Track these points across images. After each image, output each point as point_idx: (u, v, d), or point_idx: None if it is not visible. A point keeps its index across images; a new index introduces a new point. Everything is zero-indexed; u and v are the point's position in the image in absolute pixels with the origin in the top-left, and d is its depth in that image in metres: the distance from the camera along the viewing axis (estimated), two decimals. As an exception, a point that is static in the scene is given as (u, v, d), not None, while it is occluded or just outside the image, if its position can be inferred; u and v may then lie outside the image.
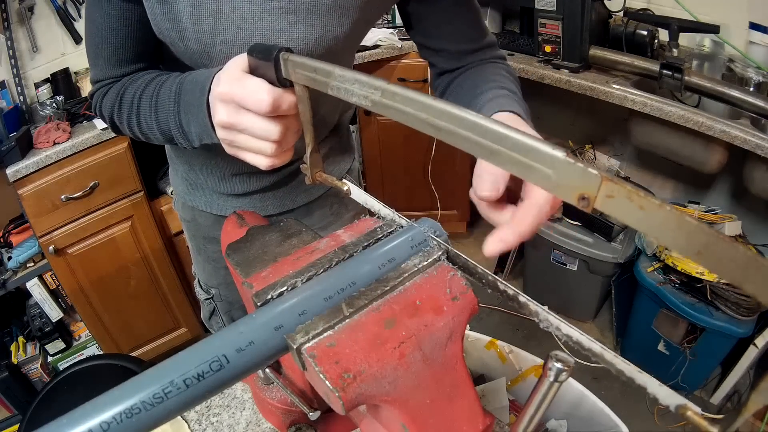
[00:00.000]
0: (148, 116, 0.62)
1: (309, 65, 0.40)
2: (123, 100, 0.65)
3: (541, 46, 1.80)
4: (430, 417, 0.34)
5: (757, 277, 0.20)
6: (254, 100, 0.46)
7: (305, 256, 0.39)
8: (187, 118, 0.57)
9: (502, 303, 2.17)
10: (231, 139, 0.51)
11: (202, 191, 0.84)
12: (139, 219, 1.77)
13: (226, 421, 0.70)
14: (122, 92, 0.65)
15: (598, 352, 0.31)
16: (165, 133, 0.61)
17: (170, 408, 0.28)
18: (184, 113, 0.57)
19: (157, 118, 0.61)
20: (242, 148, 0.52)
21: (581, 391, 0.74)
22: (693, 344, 1.66)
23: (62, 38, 1.87)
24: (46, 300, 1.77)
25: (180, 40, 0.61)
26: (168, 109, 0.59)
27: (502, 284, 0.35)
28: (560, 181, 0.25)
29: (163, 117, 0.60)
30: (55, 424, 0.26)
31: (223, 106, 0.49)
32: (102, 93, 0.68)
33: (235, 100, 0.48)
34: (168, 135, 0.61)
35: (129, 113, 0.64)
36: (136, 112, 0.63)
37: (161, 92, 0.60)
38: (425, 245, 0.38)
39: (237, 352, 0.30)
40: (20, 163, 1.51)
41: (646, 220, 0.22)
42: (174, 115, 0.58)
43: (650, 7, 1.79)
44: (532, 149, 0.25)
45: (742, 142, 1.38)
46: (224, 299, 0.95)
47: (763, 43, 1.55)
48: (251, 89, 0.47)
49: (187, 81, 0.57)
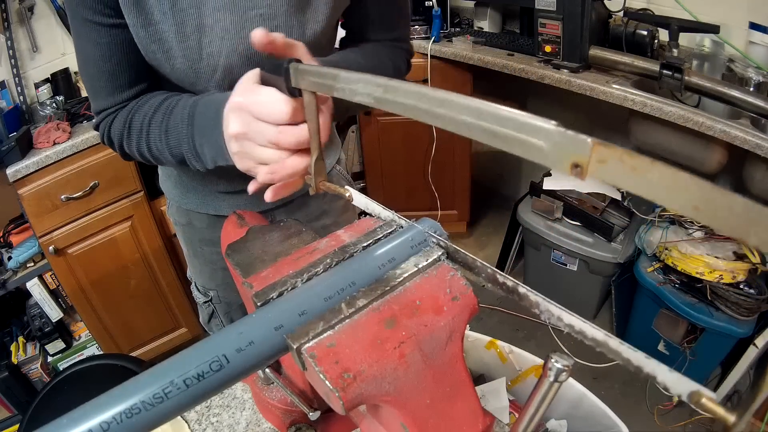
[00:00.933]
0: (158, 140, 0.62)
1: (315, 71, 0.42)
2: (132, 126, 0.65)
3: (541, 46, 1.80)
4: (430, 417, 0.34)
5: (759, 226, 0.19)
6: (271, 110, 0.46)
7: (305, 256, 0.39)
8: (201, 141, 0.57)
9: (502, 302, 2.17)
10: (244, 150, 0.50)
11: (197, 193, 0.84)
12: (139, 219, 1.77)
13: (226, 421, 0.70)
14: (130, 119, 0.65)
15: (602, 339, 0.30)
16: (177, 157, 0.61)
17: (170, 408, 0.28)
18: (198, 136, 0.57)
19: (168, 142, 0.61)
20: (255, 160, 0.50)
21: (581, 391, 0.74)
22: (693, 344, 1.66)
23: (62, 38, 1.87)
24: (46, 300, 1.77)
25: (167, 60, 0.62)
26: (180, 132, 0.59)
27: (501, 276, 0.35)
28: (553, 151, 0.25)
29: (174, 141, 0.60)
30: (55, 424, 0.26)
31: (237, 116, 0.49)
32: (108, 122, 0.68)
33: (252, 110, 0.47)
34: (180, 158, 0.61)
35: (138, 139, 0.64)
36: (146, 137, 0.63)
37: (173, 115, 0.60)
38: (425, 245, 0.38)
39: (237, 352, 0.30)
40: (20, 163, 1.51)
41: (641, 181, 0.22)
42: (187, 139, 0.58)
43: (650, 7, 1.79)
44: (525, 124, 0.26)
45: (742, 142, 1.38)
46: (223, 300, 0.95)
47: (763, 43, 1.55)
48: (268, 99, 0.46)
49: (201, 104, 0.58)
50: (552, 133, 0.25)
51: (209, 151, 0.56)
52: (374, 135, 2.34)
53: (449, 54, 2.05)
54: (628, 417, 0.73)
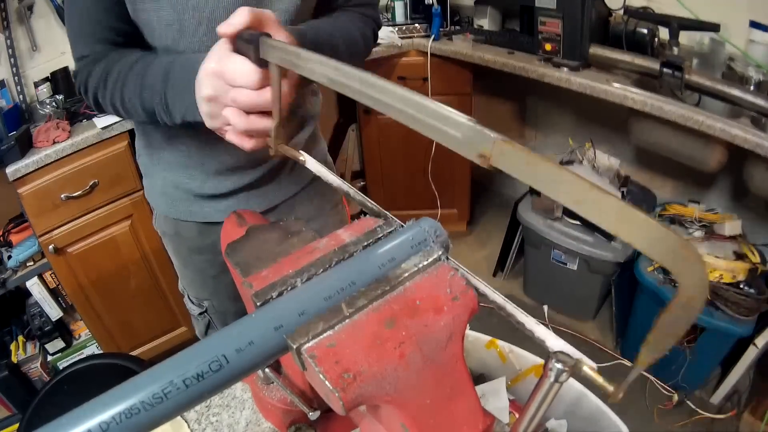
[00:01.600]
0: (132, 93, 0.64)
1: (281, 48, 0.47)
2: (108, 77, 0.67)
3: (541, 45, 1.79)
4: (430, 417, 0.33)
5: (628, 223, 0.22)
6: (241, 76, 0.51)
7: (305, 256, 0.39)
8: (173, 98, 0.60)
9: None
10: (215, 112, 0.55)
11: (183, 201, 0.84)
12: (139, 218, 1.77)
13: (226, 421, 0.70)
14: (108, 70, 0.67)
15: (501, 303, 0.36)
16: (148, 110, 0.64)
17: (170, 408, 0.28)
18: (170, 93, 0.61)
19: (141, 95, 0.64)
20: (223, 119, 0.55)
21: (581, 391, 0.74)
22: (693, 344, 1.66)
23: (62, 37, 1.87)
24: (46, 299, 1.77)
25: (154, 10, 0.65)
26: (154, 87, 0.62)
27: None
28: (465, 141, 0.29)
29: (147, 95, 0.63)
30: (55, 424, 0.26)
31: (210, 80, 0.54)
32: (87, 70, 0.69)
33: (225, 75, 0.52)
34: (150, 111, 0.64)
35: (113, 90, 0.67)
36: (121, 89, 0.66)
37: (149, 71, 0.63)
38: (425, 245, 0.38)
39: (237, 352, 0.30)
40: (20, 162, 1.51)
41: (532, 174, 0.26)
42: (160, 94, 0.62)
43: (650, 5, 1.79)
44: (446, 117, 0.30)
45: (742, 141, 1.38)
46: (218, 310, 0.94)
47: (764, 41, 1.55)
48: (239, 67, 0.51)
49: (177, 63, 0.61)
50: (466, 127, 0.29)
51: (180, 108, 0.60)
52: (374, 134, 2.34)
53: (449, 52, 2.05)
54: (628, 417, 0.73)
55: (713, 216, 1.69)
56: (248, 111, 0.54)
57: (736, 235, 1.62)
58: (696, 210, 1.73)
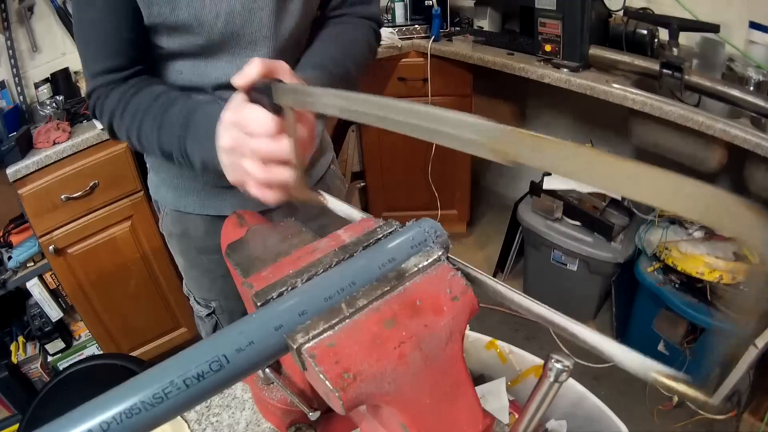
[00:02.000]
0: (150, 133, 0.64)
1: (292, 89, 0.49)
2: (126, 109, 0.66)
3: (540, 46, 1.79)
4: (429, 417, 0.34)
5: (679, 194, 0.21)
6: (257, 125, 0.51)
7: (305, 256, 0.39)
8: (192, 148, 0.61)
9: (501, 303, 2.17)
10: (233, 163, 0.55)
11: (194, 194, 0.84)
12: (139, 219, 1.77)
13: (226, 421, 0.70)
14: (126, 102, 0.66)
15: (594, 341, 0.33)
16: (165, 153, 0.64)
17: (170, 408, 0.28)
18: (190, 143, 0.61)
19: (159, 138, 0.64)
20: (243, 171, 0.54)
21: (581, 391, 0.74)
22: (693, 344, 1.65)
23: (62, 38, 1.87)
24: (46, 300, 1.77)
25: (171, 12, 0.64)
26: (173, 133, 0.62)
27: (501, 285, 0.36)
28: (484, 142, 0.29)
29: (166, 139, 0.63)
30: (55, 424, 0.26)
31: (227, 131, 0.54)
32: (103, 94, 0.69)
33: (240, 125, 0.52)
34: (167, 155, 0.64)
35: (131, 123, 0.66)
36: (138, 125, 0.65)
37: (168, 114, 0.63)
38: (425, 245, 0.38)
39: (237, 352, 0.30)
40: (20, 163, 1.51)
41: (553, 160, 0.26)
42: (179, 142, 0.62)
43: (650, 6, 1.79)
44: (457, 120, 0.30)
45: (742, 141, 1.38)
46: (225, 310, 0.93)
47: (763, 42, 1.55)
48: (254, 115, 0.51)
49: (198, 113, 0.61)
50: (481, 127, 0.29)
51: (199, 158, 0.60)
52: (374, 135, 2.34)
53: (449, 53, 2.05)
54: (628, 417, 0.73)
55: (713, 216, 1.69)
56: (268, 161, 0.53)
57: (736, 235, 1.62)
58: (696, 210, 1.72)
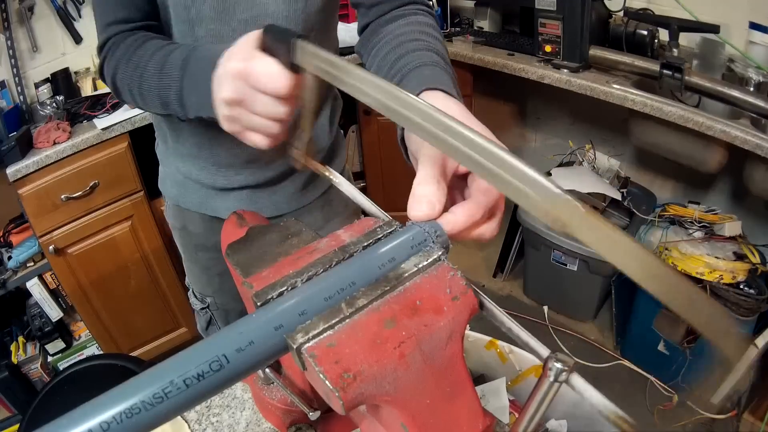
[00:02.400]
0: (151, 80, 0.61)
1: (325, 58, 0.41)
2: (130, 61, 0.64)
3: (541, 46, 1.80)
4: (430, 417, 0.34)
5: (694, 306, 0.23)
6: (272, 82, 0.45)
7: (305, 256, 0.39)
8: (189, 89, 0.56)
9: (502, 302, 2.17)
10: (235, 116, 0.50)
11: (194, 192, 0.84)
12: (139, 219, 1.77)
13: (226, 421, 0.70)
14: (130, 54, 0.64)
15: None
16: (162, 99, 0.60)
17: (170, 408, 0.28)
18: (187, 83, 0.56)
19: (159, 83, 0.60)
20: (246, 126, 0.50)
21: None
22: (693, 344, 1.65)
23: (62, 38, 1.87)
24: (46, 300, 1.77)
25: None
26: (172, 75, 0.58)
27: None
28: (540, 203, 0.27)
29: (165, 83, 0.59)
30: (55, 424, 0.26)
31: (233, 82, 0.48)
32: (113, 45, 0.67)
33: (250, 78, 0.46)
34: (165, 101, 0.60)
35: (132, 75, 0.63)
36: (140, 75, 0.62)
37: (169, 59, 0.59)
38: (425, 245, 0.38)
39: (237, 352, 0.30)
40: (20, 163, 1.51)
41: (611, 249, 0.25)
42: (176, 82, 0.58)
43: (650, 6, 1.79)
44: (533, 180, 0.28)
45: (742, 142, 1.38)
46: (220, 307, 0.94)
47: (764, 42, 1.55)
48: (269, 70, 0.45)
49: (198, 52, 0.57)
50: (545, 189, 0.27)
51: (195, 100, 0.56)
52: (374, 135, 2.34)
53: (449, 53, 2.05)
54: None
55: (713, 217, 1.69)
56: (276, 120, 0.49)
57: (736, 235, 1.62)
58: (696, 211, 1.73)
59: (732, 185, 1.83)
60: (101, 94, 1.81)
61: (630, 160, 2.10)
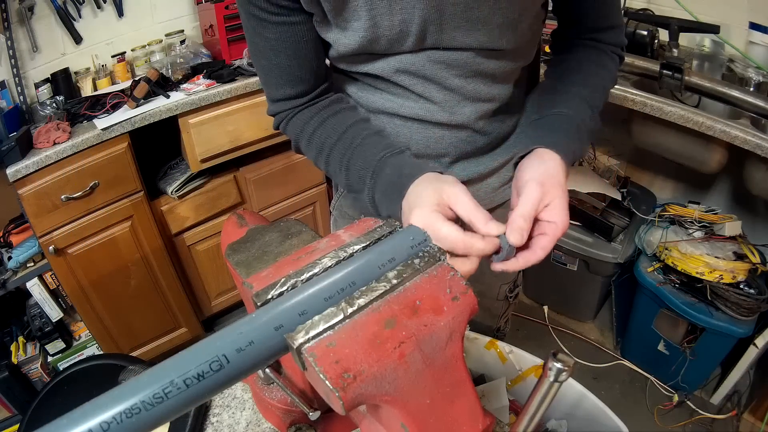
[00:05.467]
0: (338, 171, 0.65)
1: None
2: (312, 140, 0.67)
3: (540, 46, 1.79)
4: (430, 417, 0.34)
5: None
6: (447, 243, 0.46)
7: (305, 256, 0.39)
8: (380, 199, 0.59)
9: (502, 303, 2.17)
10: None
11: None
12: (139, 219, 1.77)
13: (226, 421, 0.70)
14: (310, 132, 0.68)
15: None
16: (352, 191, 0.64)
17: (170, 408, 0.28)
18: (379, 193, 0.59)
19: (347, 179, 0.64)
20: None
21: (581, 391, 0.74)
22: (693, 344, 1.66)
23: (62, 38, 1.87)
24: (46, 300, 1.77)
25: (370, 42, 0.61)
26: (363, 179, 0.61)
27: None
28: None
29: (354, 182, 0.63)
30: (55, 424, 0.26)
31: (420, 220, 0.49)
32: (286, 117, 0.70)
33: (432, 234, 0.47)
34: (355, 192, 0.64)
35: (318, 155, 0.68)
36: (326, 159, 0.66)
37: (355, 157, 0.62)
38: (425, 245, 0.38)
39: (237, 352, 0.30)
40: (20, 163, 1.51)
41: None
42: (368, 191, 0.61)
43: (650, 7, 1.79)
44: None
45: (742, 142, 1.38)
46: None
47: (763, 43, 1.55)
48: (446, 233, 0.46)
49: (388, 165, 0.59)
50: None
51: (386, 210, 0.59)
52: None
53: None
54: (628, 417, 0.73)
55: (713, 217, 1.69)
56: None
57: (736, 235, 1.62)
58: (696, 211, 1.73)
59: (732, 185, 1.83)
60: (101, 94, 1.81)
61: (630, 160, 2.10)
